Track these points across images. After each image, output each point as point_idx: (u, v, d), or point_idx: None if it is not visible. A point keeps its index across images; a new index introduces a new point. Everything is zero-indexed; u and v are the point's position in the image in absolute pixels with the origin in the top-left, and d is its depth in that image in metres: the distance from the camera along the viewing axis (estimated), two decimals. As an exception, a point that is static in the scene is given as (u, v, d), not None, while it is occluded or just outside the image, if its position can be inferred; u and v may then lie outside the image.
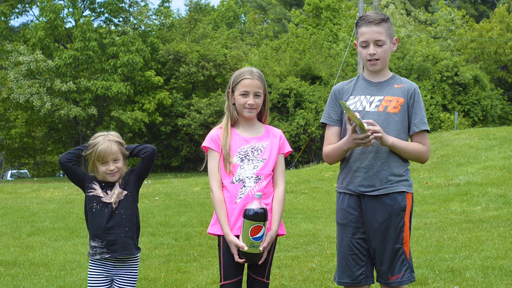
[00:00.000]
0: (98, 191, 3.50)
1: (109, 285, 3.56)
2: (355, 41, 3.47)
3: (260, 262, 3.31)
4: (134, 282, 3.57)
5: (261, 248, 3.23)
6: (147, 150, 3.52)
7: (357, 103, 3.34)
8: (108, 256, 3.45)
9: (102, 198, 3.49)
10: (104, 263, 3.52)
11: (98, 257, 3.47)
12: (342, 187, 3.40)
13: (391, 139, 3.22)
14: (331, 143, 3.41)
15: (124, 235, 3.46)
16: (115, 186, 3.51)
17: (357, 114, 3.18)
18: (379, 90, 3.36)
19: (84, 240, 7.89)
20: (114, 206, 3.47)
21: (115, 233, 3.45)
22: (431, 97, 31.68)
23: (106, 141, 3.49)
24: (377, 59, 3.29)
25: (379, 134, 3.15)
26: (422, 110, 3.36)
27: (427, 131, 3.37)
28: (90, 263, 3.56)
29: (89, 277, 3.56)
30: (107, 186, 3.52)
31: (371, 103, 3.32)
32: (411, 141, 3.39)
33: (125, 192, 3.51)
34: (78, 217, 10.17)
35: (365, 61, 3.32)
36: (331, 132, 3.43)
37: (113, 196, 3.48)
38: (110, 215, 3.46)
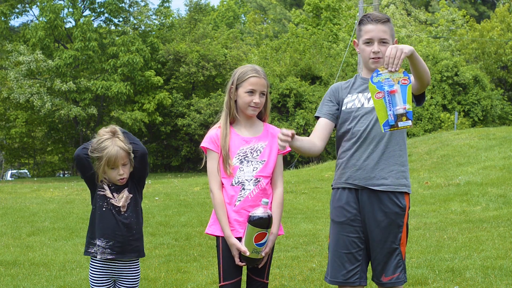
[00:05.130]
0: (107, 192, 3.47)
1: (112, 286, 3.54)
2: (354, 39, 3.45)
3: (260, 266, 3.31)
4: (137, 283, 3.56)
5: (263, 254, 3.23)
6: (137, 150, 3.46)
7: (355, 101, 3.34)
8: (111, 257, 3.43)
9: (111, 200, 3.46)
10: (107, 264, 3.48)
11: (99, 257, 3.43)
12: (340, 182, 3.35)
13: (409, 48, 3.00)
14: (315, 134, 3.36)
15: (132, 238, 3.46)
16: (124, 190, 3.48)
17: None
18: None
19: (84, 240, 7.88)
20: (123, 210, 3.45)
21: (124, 235, 3.43)
22: (431, 97, 31.68)
23: (115, 146, 3.40)
24: (380, 57, 3.28)
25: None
26: None
27: None
28: (91, 262, 3.50)
29: (91, 277, 3.50)
30: (115, 188, 3.49)
31: (368, 99, 3.31)
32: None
33: (131, 195, 3.49)
34: (78, 217, 10.16)
35: (367, 59, 3.31)
36: (318, 123, 3.41)
37: (121, 200, 3.46)
38: (120, 218, 3.44)
